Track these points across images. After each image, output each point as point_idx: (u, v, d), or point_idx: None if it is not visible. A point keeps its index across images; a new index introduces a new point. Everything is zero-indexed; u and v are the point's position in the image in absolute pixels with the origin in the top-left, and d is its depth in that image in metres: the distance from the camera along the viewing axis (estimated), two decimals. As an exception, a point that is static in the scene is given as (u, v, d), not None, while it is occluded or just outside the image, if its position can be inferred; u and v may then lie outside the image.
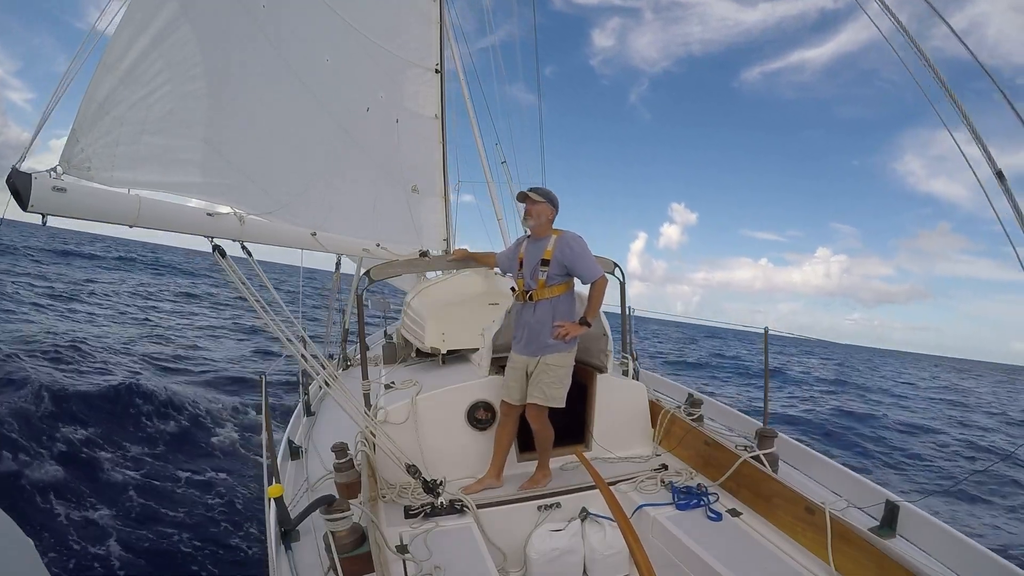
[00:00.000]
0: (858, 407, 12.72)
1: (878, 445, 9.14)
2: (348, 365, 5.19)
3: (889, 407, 13.56)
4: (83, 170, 1.78)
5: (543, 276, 2.65)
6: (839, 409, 12.06)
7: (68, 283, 17.92)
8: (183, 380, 9.50)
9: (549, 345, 2.65)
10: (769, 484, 2.44)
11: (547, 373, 2.65)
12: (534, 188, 2.77)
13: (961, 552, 2.04)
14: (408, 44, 4.26)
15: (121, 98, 1.91)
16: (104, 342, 9.91)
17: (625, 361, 3.61)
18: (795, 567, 2.07)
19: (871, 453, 8.60)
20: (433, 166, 4.81)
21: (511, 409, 2.76)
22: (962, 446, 9.94)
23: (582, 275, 2.65)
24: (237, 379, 9.70)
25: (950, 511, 6.04)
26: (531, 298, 2.69)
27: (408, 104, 4.36)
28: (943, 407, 15.72)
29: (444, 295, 3.83)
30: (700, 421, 3.25)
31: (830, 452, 7.82)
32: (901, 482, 7.29)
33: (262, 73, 2.71)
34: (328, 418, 3.73)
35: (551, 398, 2.66)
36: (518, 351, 2.76)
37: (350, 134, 3.56)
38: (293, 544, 2.10)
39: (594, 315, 2.68)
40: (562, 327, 2.62)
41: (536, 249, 2.73)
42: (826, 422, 10.39)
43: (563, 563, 2.42)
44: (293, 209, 2.90)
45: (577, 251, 2.62)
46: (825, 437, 9.20)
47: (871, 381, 20.62)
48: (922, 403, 16.07)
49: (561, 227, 2.76)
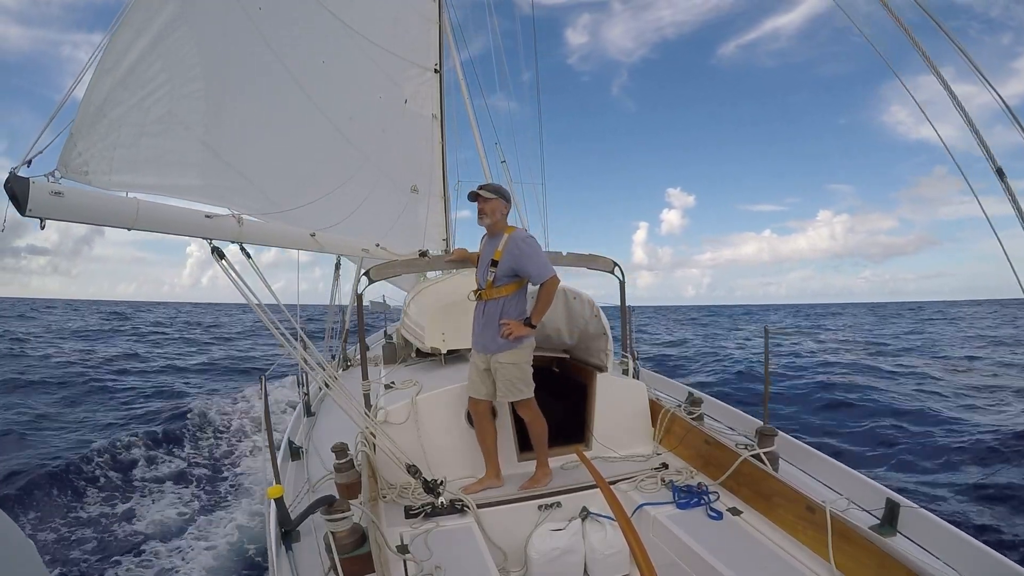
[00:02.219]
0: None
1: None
2: (348, 365, 5.20)
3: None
4: (81, 174, 1.78)
5: (491, 277, 2.63)
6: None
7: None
8: (182, 380, 9.56)
9: (499, 344, 2.64)
10: (769, 483, 2.44)
11: (502, 371, 2.65)
12: (483, 185, 2.74)
13: (962, 550, 2.03)
14: (407, 44, 4.26)
15: (119, 100, 1.91)
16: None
17: (625, 360, 3.61)
18: (796, 566, 2.06)
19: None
20: (432, 166, 4.81)
21: (478, 404, 2.76)
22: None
23: (530, 276, 2.59)
24: (237, 379, 9.72)
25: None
26: (481, 297, 2.69)
27: (407, 104, 4.36)
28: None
29: (444, 295, 3.83)
30: (700, 420, 3.25)
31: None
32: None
33: (260, 75, 2.71)
34: (328, 418, 3.73)
35: (517, 391, 2.66)
36: (475, 349, 2.77)
37: (348, 135, 3.56)
38: (293, 544, 2.11)
39: (539, 317, 2.61)
40: (507, 326, 2.60)
41: (489, 248, 2.70)
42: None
43: (564, 563, 2.42)
44: (292, 210, 2.90)
45: (526, 251, 2.57)
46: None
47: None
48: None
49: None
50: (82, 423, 7.10)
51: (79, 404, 8.27)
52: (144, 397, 8.84)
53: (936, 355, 14.41)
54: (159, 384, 9.98)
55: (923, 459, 5.58)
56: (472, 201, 2.72)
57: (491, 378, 2.72)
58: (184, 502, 4.70)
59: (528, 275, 2.60)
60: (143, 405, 8.20)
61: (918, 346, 16.92)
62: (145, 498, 4.74)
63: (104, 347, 16.28)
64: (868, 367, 11.74)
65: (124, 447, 5.68)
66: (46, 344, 16.46)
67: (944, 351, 15.37)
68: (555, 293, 2.64)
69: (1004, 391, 8.93)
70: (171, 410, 7.62)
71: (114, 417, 7.45)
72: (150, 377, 10.91)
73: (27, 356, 13.17)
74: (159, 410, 7.75)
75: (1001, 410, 7.62)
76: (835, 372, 10.89)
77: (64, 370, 11.08)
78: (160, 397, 8.81)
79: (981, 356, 13.91)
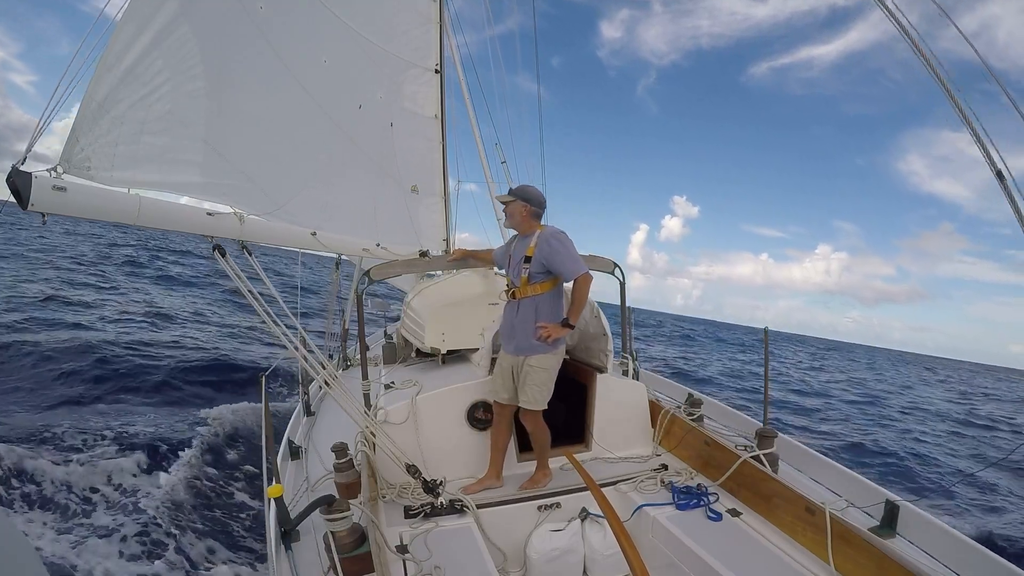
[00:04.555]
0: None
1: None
2: (348, 365, 5.19)
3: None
4: (83, 169, 1.78)
5: (525, 274, 2.60)
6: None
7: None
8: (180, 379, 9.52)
9: (532, 346, 2.60)
10: (769, 484, 2.44)
11: (531, 375, 2.61)
12: (510, 190, 2.76)
13: (961, 552, 2.04)
14: (407, 44, 4.26)
15: (121, 97, 1.91)
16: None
17: (625, 361, 3.61)
18: (795, 567, 2.07)
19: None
20: (433, 166, 4.81)
21: (503, 408, 2.75)
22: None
23: (562, 272, 2.56)
24: (236, 378, 9.70)
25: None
26: (514, 296, 2.67)
27: (407, 104, 4.36)
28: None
29: (444, 295, 3.82)
30: (700, 421, 3.25)
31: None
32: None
33: (261, 73, 2.71)
34: (328, 418, 3.73)
35: (534, 401, 2.62)
36: (505, 350, 2.74)
37: (349, 134, 3.56)
38: (293, 544, 2.10)
39: (577, 316, 2.57)
40: (544, 328, 2.55)
41: (521, 246, 2.68)
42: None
43: (563, 563, 2.42)
44: (293, 209, 2.90)
45: (556, 248, 2.54)
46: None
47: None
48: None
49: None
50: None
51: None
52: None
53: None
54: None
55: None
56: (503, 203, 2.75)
57: (514, 383, 2.69)
58: (183, 501, 4.67)
59: (560, 272, 2.57)
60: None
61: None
62: (139, 497, 4.72)
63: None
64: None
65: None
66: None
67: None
68: (589, 290, 2.59)
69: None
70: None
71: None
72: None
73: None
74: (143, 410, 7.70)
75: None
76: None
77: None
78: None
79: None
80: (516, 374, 2.68)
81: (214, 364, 10.67)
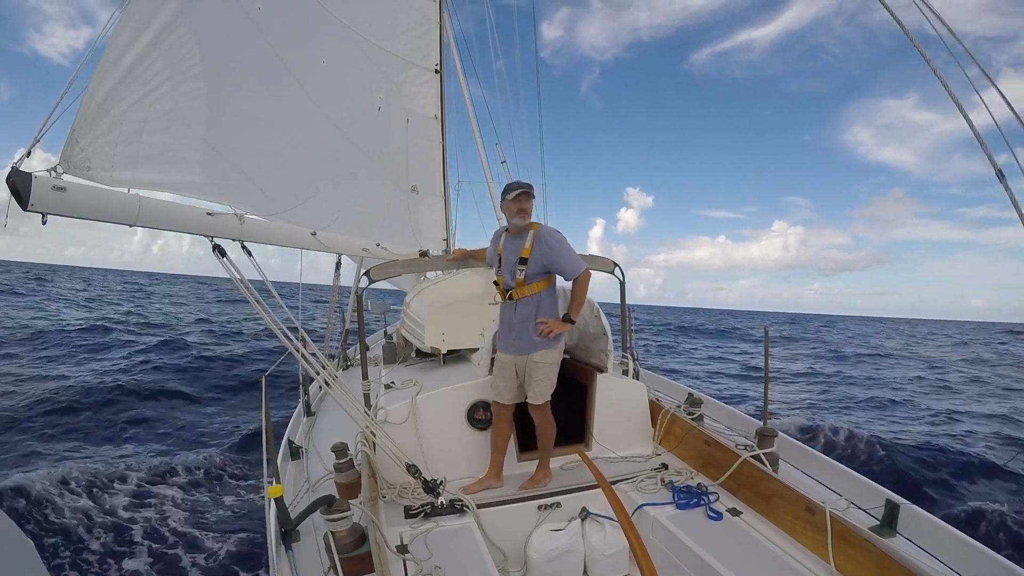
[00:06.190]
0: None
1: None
2: (348, 365, 5.20)
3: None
4: (83, 169, 1.78)
5: (521, 275, 2.60)
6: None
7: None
8: (180, 378, 9.52)
9: (536, 343, 2.62)
10: (769, 483, 2.44)
11: (536, 371, 2.63)
12: (526, 186, 2.66)
13: (962, 551, 2.03)
14: (407, 44, 4.26)
15: (120, 97, 1.91)
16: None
17: (625, 361, 3.60)
18: (795, 566, 2.07)
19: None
20: (433, 166, 4.81)
21: (503, 409, 2.75)
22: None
23: (563, 272, 2.57)
24: (236, 378, 9.69)
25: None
26: (511, 297, 2.66)
27: (407, 104, 4.36)
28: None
29: (444, 295, 3.82)
30: (700, 420, 3.25)
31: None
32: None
33: (260, 74, 2.71)
34: (328, 418, 3.73)
35: (541, 395, 2.66)
36: (505, 350, 2.73)
37: (349, 134, 3.56)
38: (293, 544, 2.10)
39: (577, 311, 2.61)
40: (545, 324, 2.58)
41: (514, 246, 2.66)
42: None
43: (563, 563, 2.42)
44: (292, 209, 2.90)
45: (556, 247, 2.54)
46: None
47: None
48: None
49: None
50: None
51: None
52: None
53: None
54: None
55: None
56: (530, 197, 2.63)
57: (517, 381, 2.70)
58: (183, 501, 4.68)
59: (562, 271, 2.57)
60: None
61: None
62: (138, 498, 4.72)
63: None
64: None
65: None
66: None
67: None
68: (588, 287, 2.61)
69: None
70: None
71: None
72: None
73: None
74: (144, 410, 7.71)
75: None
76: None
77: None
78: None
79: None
80: (519, 373, 2.69)
81: (214, 364, 10.66)
